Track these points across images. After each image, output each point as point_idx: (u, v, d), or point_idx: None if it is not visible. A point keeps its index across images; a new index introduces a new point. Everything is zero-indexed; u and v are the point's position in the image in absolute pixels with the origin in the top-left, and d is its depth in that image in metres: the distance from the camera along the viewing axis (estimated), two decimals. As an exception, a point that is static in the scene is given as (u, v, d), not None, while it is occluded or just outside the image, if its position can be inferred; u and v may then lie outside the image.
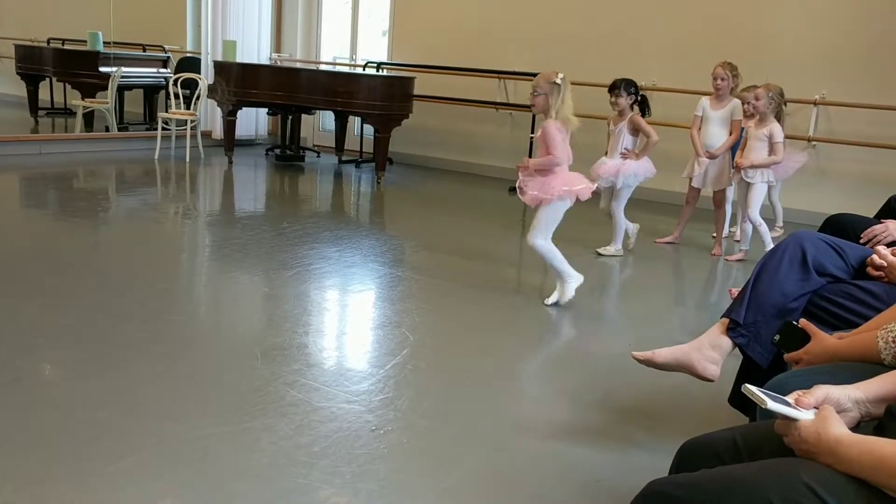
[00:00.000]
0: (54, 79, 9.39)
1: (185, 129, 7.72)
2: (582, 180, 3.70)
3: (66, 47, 9.53)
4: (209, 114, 8.52)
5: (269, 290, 3.83)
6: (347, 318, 3.62)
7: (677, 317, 3.98)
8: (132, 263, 4.13)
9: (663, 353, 2.23)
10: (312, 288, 3.89)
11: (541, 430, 2.49)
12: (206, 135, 8.38)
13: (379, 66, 8.46)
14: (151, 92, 9.53)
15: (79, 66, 8.72)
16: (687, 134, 5.40)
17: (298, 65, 9.15)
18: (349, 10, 9.23)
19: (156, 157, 7.62)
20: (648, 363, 2.24)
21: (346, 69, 9.05)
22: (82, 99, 8.44)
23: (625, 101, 4.83)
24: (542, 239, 3.72)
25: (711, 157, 5.07)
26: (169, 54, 9.53)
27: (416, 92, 7.37)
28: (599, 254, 4.95)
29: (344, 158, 8.46)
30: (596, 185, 4.03)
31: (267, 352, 2.95)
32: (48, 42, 9.80)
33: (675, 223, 5.51)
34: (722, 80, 4.99)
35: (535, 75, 4.85)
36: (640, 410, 2.71)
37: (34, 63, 9.23)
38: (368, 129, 8.02)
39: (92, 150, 7.81)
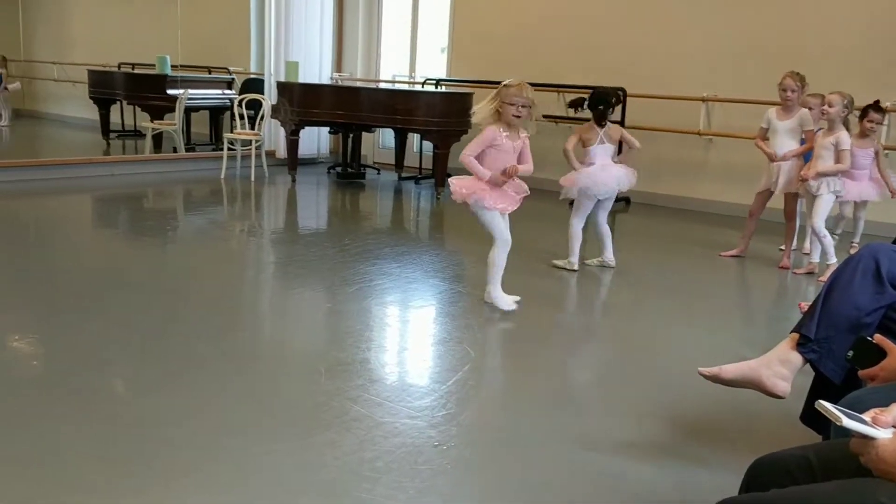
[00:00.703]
0: (125, 102, 9.72)
1: (250, 149, 7.90)
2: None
3: (135, 71, 9.86)
4: (273, 133, 8.70)
5: (332, 306, 3.88)
6: (409, 334, 3.64)
7: (744, 331, 3.89)
8: (199, 281, 4.23)
9: (730, 369, 2.18)
10: (374, 304, 3.93)
11: (604, 447, 2.46)
12: (270, 154, 8.56)
13: (437, 82, 8.52)
14: (217, 113, 9.79)
15: (148, 90, 9.01)
16: (748, 144, 5.29)
17: (359, 83, 9.29)
18: (408, 28, 9.33)
19: (222, 176, 7.81)
20: (715, 379, 2.20)
21: (405, 86, 9.14)
22: (151, 121, 8.71)
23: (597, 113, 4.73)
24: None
25: (784, 158, 4.92)
26: (233, 76, 9.78)
27: (474, 107, 7.39)
28: (605, 265, 4.87)
29: (403, 175, 8.53)
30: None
31: (330, 367, 2.98)
32: (119, 67, 10.17)
33: (738, 236, 5.39)
34: (792, 91, 4.84)
35: (593, 88, 4.85)
36: (706, 427, 2.65)
37: (106, 87, 9.57)
38: (427, 146, 8.08)
39: (161, 170, 8.04)
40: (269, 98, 8.29)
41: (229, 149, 7.99)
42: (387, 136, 9.49)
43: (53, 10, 12.29)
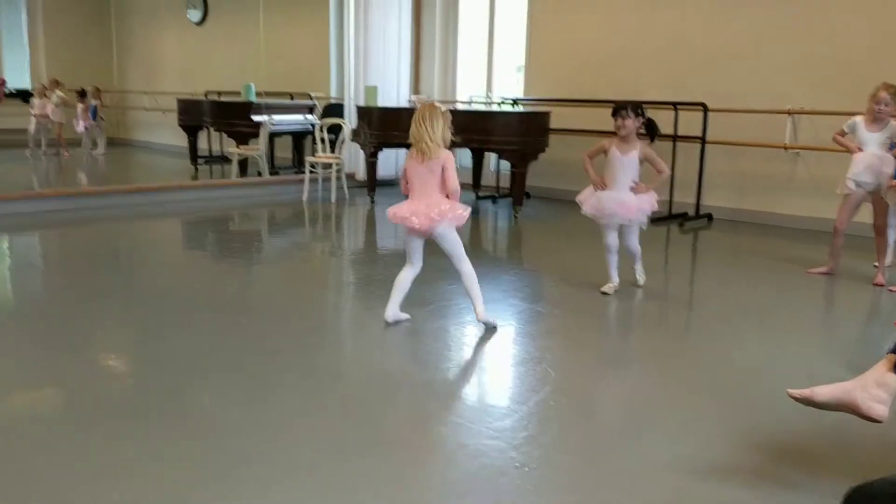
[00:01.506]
0: (212, 129, 10.09)
1: (331, 172, 8.07)
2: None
3: (221, 99, 10.22)
4: (353, 156, 8.87)
5: (413, 326, 3.91)
6: (489, 354, 3.64)
7: (837, 352, 3.74)
8: (283, 300, 4.34)
9: (823, 392, 2.11)
10: (453, 324, 3.95)
11: (691, 469, 2.40)
12: (350, 176, 8.73)
13: (514, 102, 8.54)
14: (299, 137, 10.05)
15: (234, 116, 9.32)
16: (836, 157, 5.11)
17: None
18: (484, 49, 9.40)
19: (304, 199, 8.00)
20: (807, 402, 2.13)
21: (481, 107, 9.20)
22: (237, 147, 9.01)
23: (633, 123, 4.32)
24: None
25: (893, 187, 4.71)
26: (315, 101, 10.03)
27: (551, 126, 7.39)
28: (637, 285, 4.61)
29: (481, 194, 8.57)
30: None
31: (412, 387, 3.01)
32: (206, 95, 10.56)
33: (827, 252, 5.20)
34: (886, 104, 4.66)
35: (672, 104, 4.76)
36: (797, 451, 2.57)
37: (194, 115, 9.95)
38: (505, 164, 8.10)
39: (246, 194, 8.29)
40: (349, 122, 8.46)
41: (311, 172, 8.18)
42: (464, 156, 9.56)
43: (144, 43, 12.86)
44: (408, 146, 8.91)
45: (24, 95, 12.08)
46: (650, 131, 4.40)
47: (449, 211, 3.69)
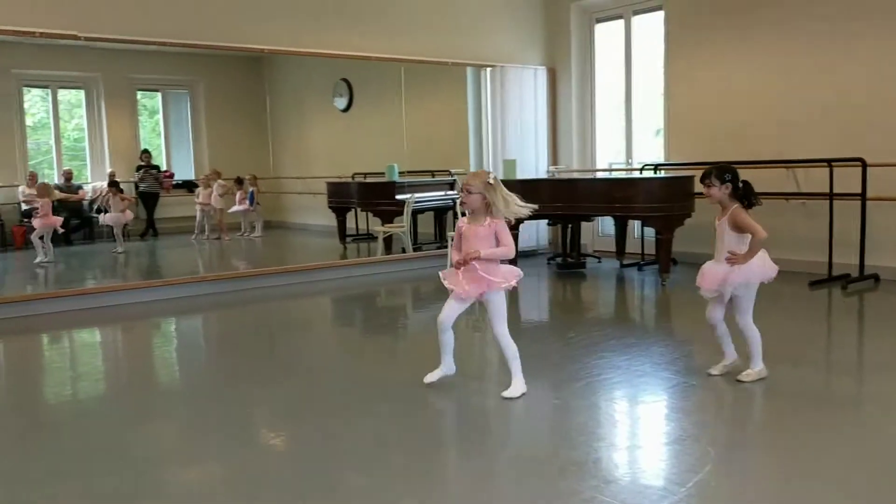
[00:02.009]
0: (359, 209, 10.51)
1: (472, 246, 8.16)
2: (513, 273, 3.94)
3: (367, 180, 10.65)
4: (493, 229, 8.94)
5: (561, 402, 3.83)
6: (642, 432, 3.50)
7: None
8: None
9: None
10: (603, 399, 3.84)
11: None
12: (491, 249, 8.79)
13: (656, 167, 8.40)
14: (440, 213, 10.27)
15: (379, 196, 9.69)
16: None
17: (575, 174, 9.38)
18: (622, 114, 9.36)
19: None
20: None
21: (622, 174, 9.11)
22: (382, 225, 9.31)
23: (718, 191, 3.95)
24: (507, 328, 3.90)
25: None
26: (455, 177, 10.25)
27: (696, 190, 7.19)
28: (740, 381, 3.96)
29: (625, 262, 8.40)
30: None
31: (563, 467, 2.93)
32: (353, 177, 11.04)
33: None
34: None
35: (827, 161, 4.50)
36: None
37: (342, 196, 10.42)
38: (649, 231, 7.93)
39: (391, 270, 8.52)
40: (489, 195, 8.57)
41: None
42: (606, 223, 9.44)
43: (296, 132, 13.67)
44: (549, 216, 8.89)
45: (189, 186, 13.07)
46: (742, 196, 3.98)
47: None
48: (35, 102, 13.07)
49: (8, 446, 3.43)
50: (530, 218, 8.20)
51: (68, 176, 12.23)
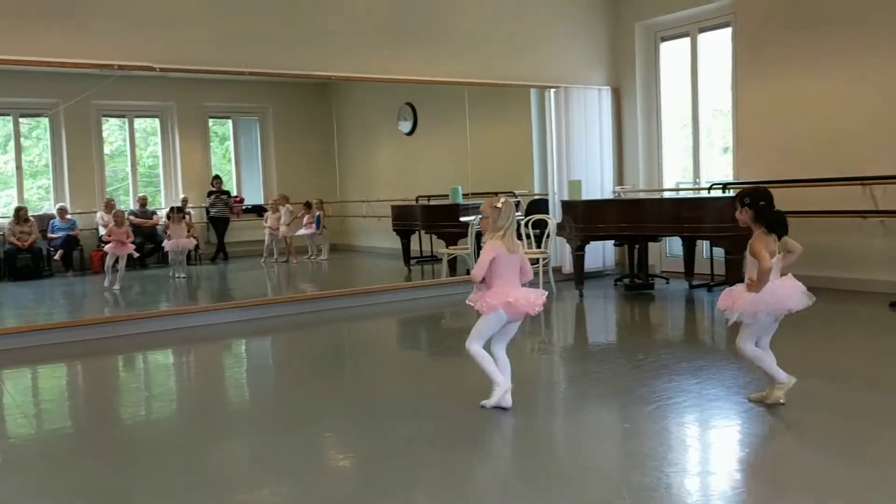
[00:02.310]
0: (422, 231, 10.56)
1: (537, 267, 8.13)
2: (521, 297, 3.92)
3: (431, 203, 10.71)
4: (558, 250, 8.90)
5: (630, 426, 3.76)
6: (714, 458, 3.40)
7: None
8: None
9: None
10: (674, 424, 3.75)
11: None
12: (557, 270, 8.74)
13: (725, 186, 8.23)
14: (505, 234, 10.24)
15: (442, 218, 9.72)
16: None
17: (642, 195, 9.26)
18: (688, 132, 9.22)
19: (512, 295, 8.08)
20: None
21: (690, 193, 8.95)
22: (446, 247, 9.35)
23: (741, 215, 3.85)
24: (475, 344, 3.96)
25: None
26: (519, 198, 10.23)
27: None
28: (751, 400, 3.93)
29: (694, 283, 8.22)
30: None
31: (634, 492, 2.86)
32: (416, 200, 11.12)
33: None
34: None
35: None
36: None
37: (406, 219, 10.50)
38: (719, 251, 7.75)
39: (455, 292, 8.51)
40: (554, 217, 8.53)
41: (518, 268, 8.28)
42: (674, 244, 9.28)
43: (361, 156, 13.88)
44: (615, 237, 8.76)
45: (258, 210, 13.37)
46: (766, 222, 3.80)
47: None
48: (113, 131, 13.58)
49: (87, 464, 3.53)
50: (596, 239, 8.17)
51: (143, 202, 12.63)
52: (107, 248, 9.43)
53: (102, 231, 12.05)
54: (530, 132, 10.27)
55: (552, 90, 9.15)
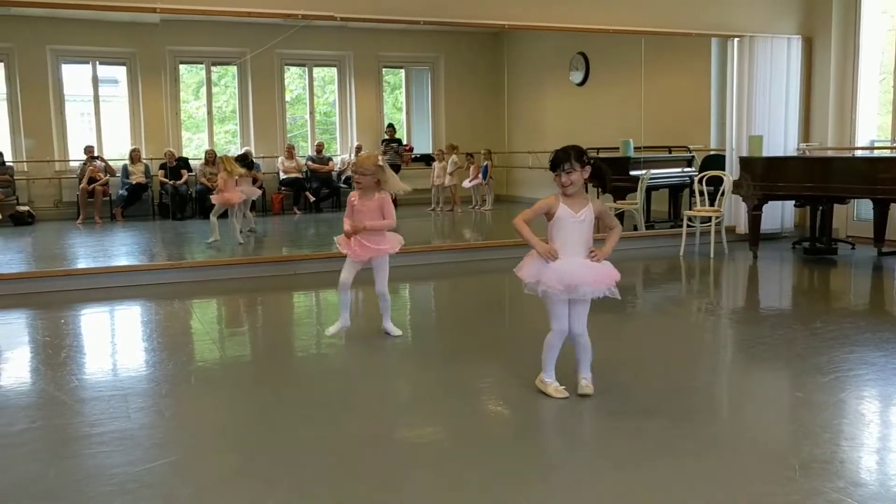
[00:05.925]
0: (589, 184, 10.36)
1: (710, 226, 7.79)
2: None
3: (600, 156, 10.48)
4: (732, 209, 8.48)
5: (803, 396, 3.56)
6: (894, 431, 3.17)
7: None
8: (659, 358, 4.24)
9: None
10: (853, 397, 3.51)
11: None
12: (730, 230, 8.35)
13: (928, 145, 7.49)
14: (676, 190, 9.88)
15: (612, 172, 9.48)
16: None
17: (829, 153, 8.60)
18: (889, 87, 8.43)
19: (680, 253, 7.82)
20: None
21: (887, 152, 8.23)
22: (614, 201, 9.13)
23: (580, 176, 3.42)
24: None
25: None
26: (693, 154, 9.81)
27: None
28: None
29: (885, 250, 7.59)
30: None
31: (805, 464, 2.72)
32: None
33: None
34: None
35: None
36: None
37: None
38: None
39: (622, 248, 8.20)
40: (731, 174, 8.12)
41: (688, 226, 7.98)
42: (863, 207, 8.59)
43: (530, 107, 13.77)
44: (797, 197, 8.22)
45: (426, 159, 13.62)
46: (601, 178, 3.58)
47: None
48: (293, 79, 14.22)
49: (265, 395, 3.80)
50: (775, 198, 7.72)
51: (319, 148, 13.20)
52: (214, 198, 8.80)
53: (283, 176, 12.74)
54: (709, 84, 9.77)
55: (735, 40, 8.62)
